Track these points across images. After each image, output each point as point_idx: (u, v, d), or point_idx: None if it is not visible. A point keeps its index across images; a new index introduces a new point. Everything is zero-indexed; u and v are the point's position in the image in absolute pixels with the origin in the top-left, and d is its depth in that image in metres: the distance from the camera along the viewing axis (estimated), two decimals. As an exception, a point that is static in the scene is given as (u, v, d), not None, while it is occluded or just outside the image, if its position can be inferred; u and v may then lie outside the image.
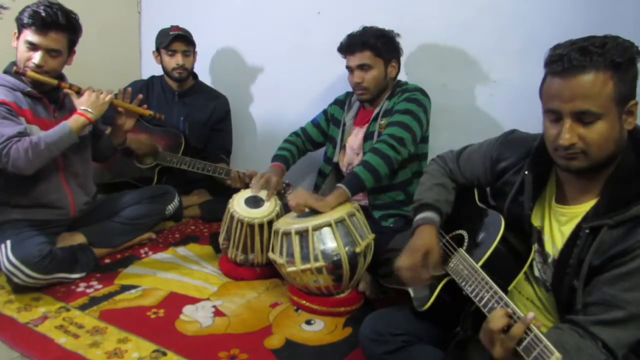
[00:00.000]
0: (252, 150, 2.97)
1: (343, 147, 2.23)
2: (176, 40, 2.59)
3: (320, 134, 2.34)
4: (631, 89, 1.07)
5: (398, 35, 2.11)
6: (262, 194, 2.09)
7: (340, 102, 2.29)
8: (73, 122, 1.91)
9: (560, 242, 1.16)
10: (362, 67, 2.05)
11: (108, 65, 2.97)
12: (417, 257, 1.29)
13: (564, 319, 1.14)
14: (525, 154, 1.28)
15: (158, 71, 2.78)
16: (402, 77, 2.22)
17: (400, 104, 2.04)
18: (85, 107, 1.95)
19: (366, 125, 2.15)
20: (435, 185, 1.47)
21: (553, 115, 1.08)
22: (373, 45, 2.02)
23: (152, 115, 2.22)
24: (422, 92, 2.08)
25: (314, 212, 1.86)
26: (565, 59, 1.03)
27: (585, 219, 1.11)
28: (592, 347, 1.01)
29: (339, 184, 1.91)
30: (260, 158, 2.60)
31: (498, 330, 0.99)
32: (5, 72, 1.96)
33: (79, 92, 1.99)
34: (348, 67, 2.10)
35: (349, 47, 2.06)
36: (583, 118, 1.04)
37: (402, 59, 2.17)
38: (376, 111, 2.11)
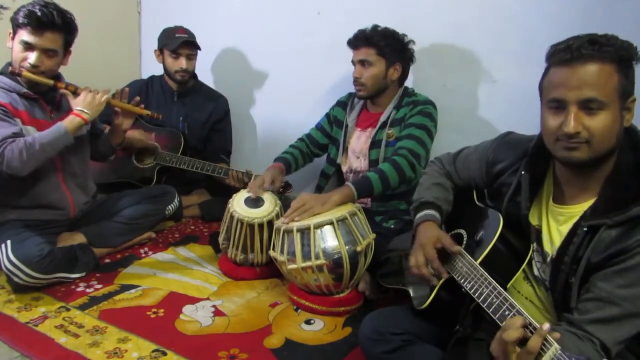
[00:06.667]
0: (252, 151, 2.97)
1: (346, 149, 2.23)
2: (183, 45, 2.59)
3: (324, 137, 2.34)
4: (631, 87, 1.08)
5: (412, 42, 2.10)
6: (262, 195, 2.09)
7: (343, 104, 2.29)
8: (69, 122, 1.90)
9: (558, 242, 1.16)
10: (363, 63, 2.06)
11: (108, 65, 2.97)
12: (429, 250, 1.29)
13: (561, 317, 1.15)
14: (521, 155, 1.28)
15: (158, 71, 2.78)
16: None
17: (415, 117, 2.03)
18: (82, 107, 1.93)
19: (370, 129, 2.15)
20: (434, 185, 1.48)
21: (557, 105, 1.08)
22: (377, 43, 2.04)
23: (150, 115, 2.22)
24: (433, 105, 2.08)
25: None
26: (575, 48, 1.05)
27: (584, 218, 1.11)
28: (592, 349, 1.01)
29: (348, 183, 1.91)
30: (261, 159, 2.60)
31: (513, 342, 0.94)
32: (1, 73, 1.94)
33: (76, 93, 1.98)
34: (352, 62, 2.12)
35: (354, 41, 2.09)
36: (589, 106, 1.04)
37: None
38: (383, 119, 2.10)
